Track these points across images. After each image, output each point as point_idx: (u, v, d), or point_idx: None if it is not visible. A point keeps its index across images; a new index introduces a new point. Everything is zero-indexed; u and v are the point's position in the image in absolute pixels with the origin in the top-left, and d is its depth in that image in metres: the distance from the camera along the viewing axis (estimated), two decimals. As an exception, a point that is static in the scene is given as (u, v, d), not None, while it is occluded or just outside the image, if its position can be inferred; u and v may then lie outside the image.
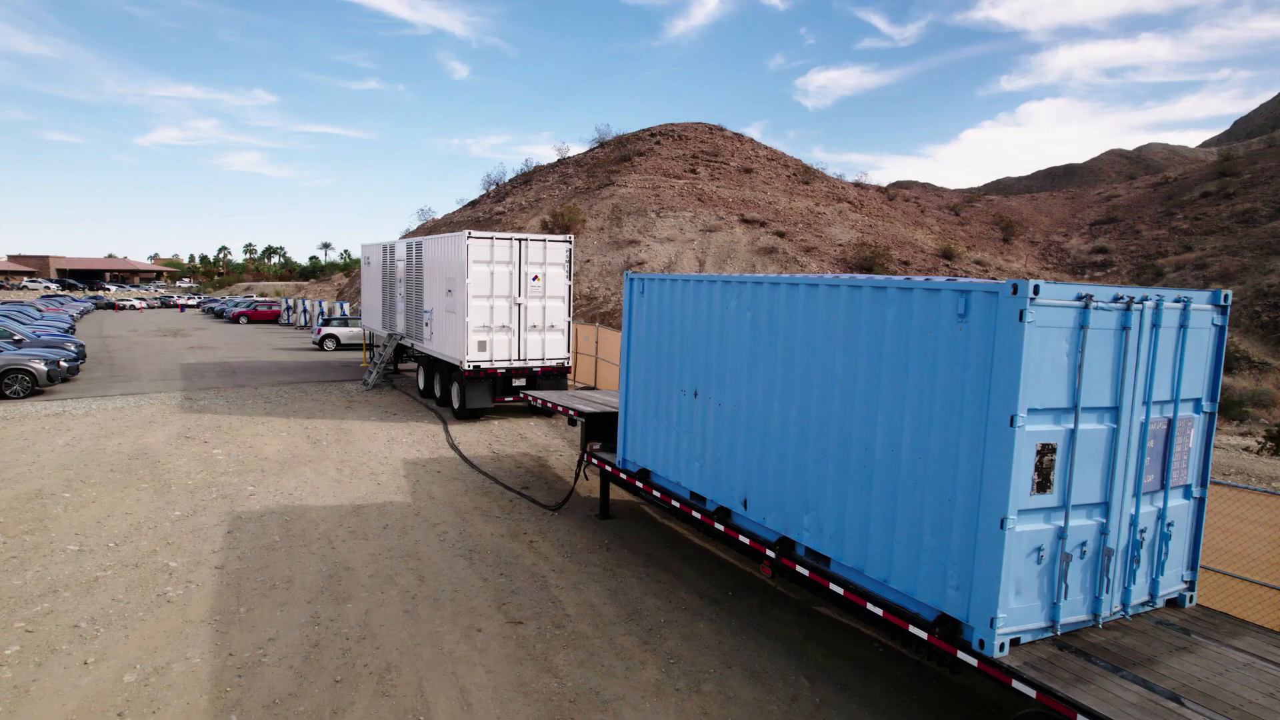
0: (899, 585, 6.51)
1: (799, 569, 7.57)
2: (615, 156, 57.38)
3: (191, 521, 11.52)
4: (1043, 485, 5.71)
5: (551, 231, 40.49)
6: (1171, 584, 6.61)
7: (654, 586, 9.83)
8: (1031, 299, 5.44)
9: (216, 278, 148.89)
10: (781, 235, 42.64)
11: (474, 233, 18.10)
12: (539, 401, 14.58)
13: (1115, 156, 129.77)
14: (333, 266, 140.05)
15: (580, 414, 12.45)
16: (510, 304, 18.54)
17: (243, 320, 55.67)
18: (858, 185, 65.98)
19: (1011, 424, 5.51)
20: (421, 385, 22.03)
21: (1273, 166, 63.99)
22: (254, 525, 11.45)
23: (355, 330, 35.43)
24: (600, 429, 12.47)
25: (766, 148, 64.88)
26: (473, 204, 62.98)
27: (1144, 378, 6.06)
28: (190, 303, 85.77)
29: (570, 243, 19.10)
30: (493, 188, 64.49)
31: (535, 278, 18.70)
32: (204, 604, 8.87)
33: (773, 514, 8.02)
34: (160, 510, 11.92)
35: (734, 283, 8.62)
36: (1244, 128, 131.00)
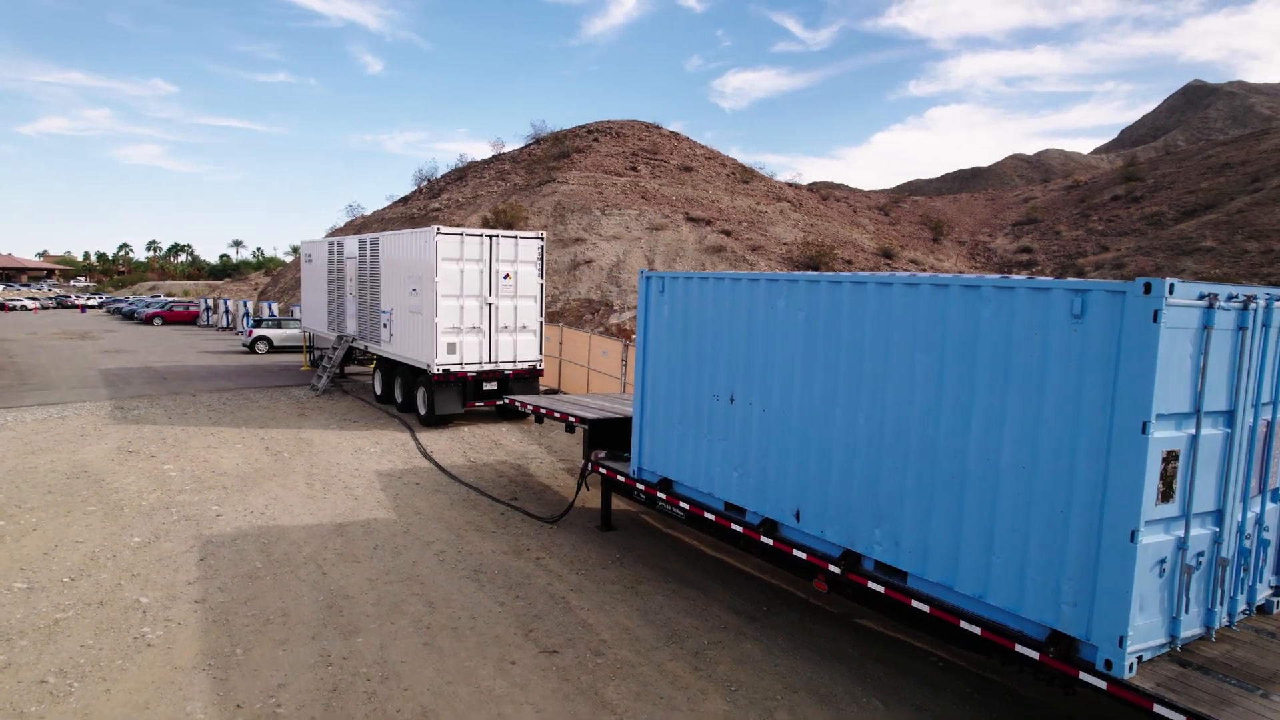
0: (998, 601, 6.14)
1: (871, 585, 7.13)
2: (554, 153, 56.35)
3: (155, 549, 10.30)
4: (1166, 494, 5.42)
5: (494, 229, 39.30)
6: (1262, 591, 6.46)
7: (683, 604, 9.26)
8: (1166, 299, 5.12)
9: (117, 276, 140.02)
10: (728, 234, 42.62)
11: (443, 228, 17.11)
12: (527, 407, 13.78)
13: (1017, 161, 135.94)
14: (246, 265, 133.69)
15: (583, 421, 11.75)
16: (481, 304, 17.61)
17: (157, 321, 52.25)
18: (792, 185, 66.86)
19: (1144, 431, 5.19)
20: (379, 390, 20.79)
21: (1172, 172, 68.09)
22: (229, 550, 10.32)
23: (290, 332, 33.51)
24: (604, 436, 11.81)
25: (704, 146, 65.00)
26: (404, 200, 60.84)
27: (1254, 379, 5.85)
28: (91, 303, 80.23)
29: (542, 240, 18.30)
30: (425, 184, 62.47)
31: (506, 276, 17.83)
32: (191, 646, 7.82)
33: (834, 526, 7.56)
34: (116, 537, 10.63)
35: (782, 281, 8.13)
36: (1130, 136, 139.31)
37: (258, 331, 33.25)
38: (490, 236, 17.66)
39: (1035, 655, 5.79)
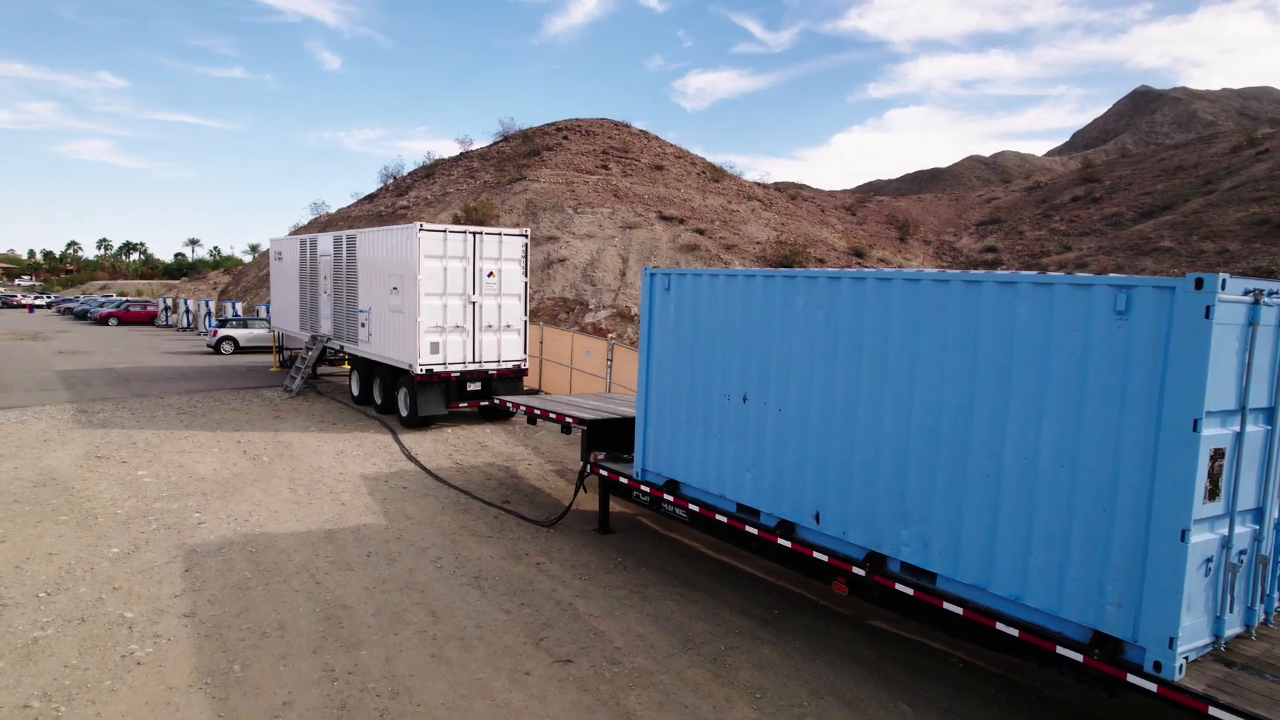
0: (1035, 602, 6.04)
1: (898, 587, 7.00)
2: (524, 151, 55.79)
3: (135, 560, 9.78)
4: (1212, 492, 5.35)
5: (472, 226, 38.66)
6: (1290, 586, 6.46)
7: (693, 609, 9.05)
8: (1218, 295, 5.05)
9: (65, 275, 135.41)
10: (701, 233, 42.57)
11: (426, 224, 16.67)
12: (519, 408, 13.44)
13: (974, 162, 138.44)
14: (203, 264, 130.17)
15: (581, 422, 11.47)
16: (464, 302, 17.21)
17: (112, 322, 50.52)
18: (762, 185, 67.13)
19: (1195, 429, 5.11)
20: (356, 392, 20.22)
21: (1129, 174, 69.86)
22: (215, 560, 9.85)
23: (256, 332, 32.59)
24: (603, 437, 11.55)
25: (673, 145, 64.91)
26: (371, 198, 59.74)
27: (1292, 376, 5.82)
28: (39, 303, 77.41)
29: (527, 237, 17.95)
30: (391, 181, 61.41)
31: (490, 274, 17.45)
32: (185, 663, 7.39)
33: (857, 528, 7.42)
34: (92, 548, 10.08)
35: (800, 278, 7.96)
36: (1081, 139, 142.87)
37: (223, 331, 32.26)
38: (474, 233, 17.26)
39: (1079, 657, 5.69)
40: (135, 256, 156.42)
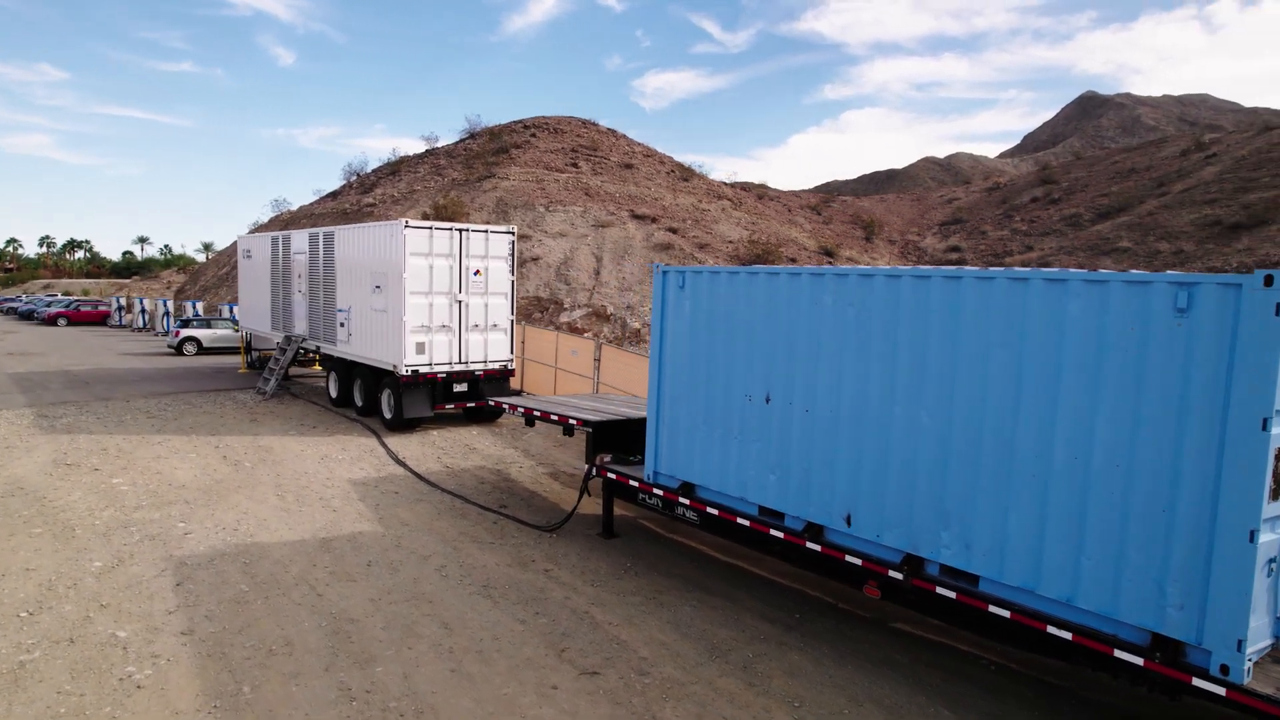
0: (1088, 604, 5.94)
1: (939, 590, 6.86)
2: (492, 149, 55.07)
3: (121, 574, 9.23)
4: (1277, 492, 5.29)
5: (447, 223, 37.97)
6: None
7: (713, 614, 8.83)
8: (1286, 291, 4.98)
9: (5, 274, 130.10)
10: (674, 231, 42.43)
11: (411, 221, 16.19)
12: (517, 410, 13.08)
13: (929, 163, 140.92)
14: (154, 263, 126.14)
15: (587, 424, 11.18)
16: (451, 301, 16.76)
17: (61, 322, 48.57)
18: (731, 185, 67.30)
19: (1264, 428, 5.04)
20: (334, 394, 19.60)
21: (1085, 176, 71.64)
22: (207, 573, 9.34)
23: (221, 333, 31.55)
24: (608, 439, 11.27)
25: (641, 144, 64.70)
26: (334, 195, 58.45)
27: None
28: (-21, 302, 74.18)
29: (514, 234, 17.57)
30: (355, 178, 60.15)
31: (477, 272, 17.03)
32: (189, 686, 6.93)
33: (892, 530, 7.27)
34: (72, 562, 9.49)
35: (828, 276, 7.79)
36: (1032, 142, 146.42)
37: (185, 332, 31.13)
38: (460, 231, 16.82)
39: (1139, 661, 5.60)
40: (80, 254, 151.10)
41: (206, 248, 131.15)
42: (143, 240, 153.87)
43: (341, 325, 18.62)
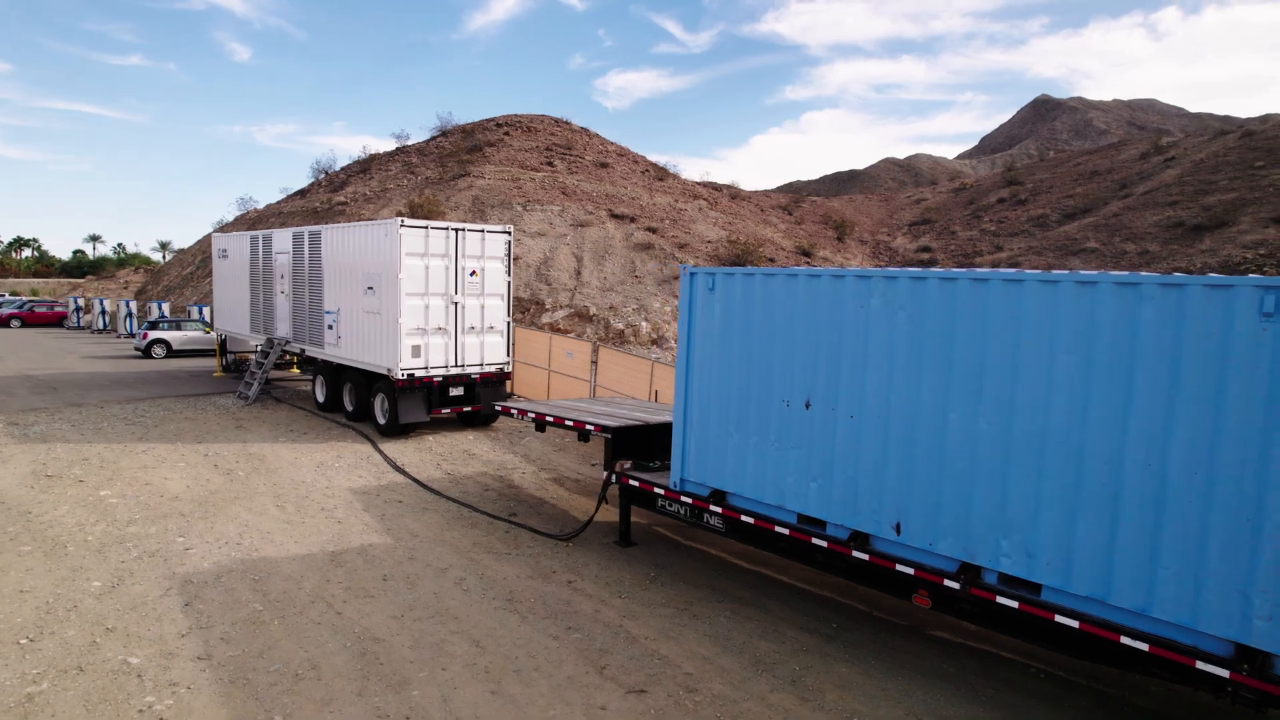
0: (1164, 615, 5.83)
1: (1000, 600, 6.71)
2: (465, 146, 54.33)
3: (123, 594, 8.71)
4: (1362, 499, 5.22)
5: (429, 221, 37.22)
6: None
7: (750, 626, 8.61)
8: (1382, 296, 4.90)
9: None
10: (653, 231, 42.20)
11: (406, 220, 15.71)
12: (526, 415, 12.71)
13: (890, 164, 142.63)
14: (108, 262, 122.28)
15: (605, 429, 10.88)
16: (446, 303, 16.31)
17: (15, 323, 46.68)
18: (705, 185, 67.32)
19: (1359, 435, 4.95)
20: (321, 398, 18.97)
21: (1049, 178, 73.07)
22: (216, 591, 8.86)
23: (191, 334, 30.53)
24: (627, 446, 10.98)
25: (615, 144, 64.37)
26: (303, 193, 57.12)
27: None
28: (-77, 303, 71.10)
29: (510, 234, 17.17)
30: (324, 176, 58.88)
31: (473, 273, 16.60)
32: (216, 716, 6.50)
33: (947, 539, 7.11)
34: (68, 582, 8.93)
35: (876, 278, 7.60)
36: (989, 144, 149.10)
37: (154, 334, 30.04)
38: (456, 230, 16.38)
39: (1224, 673, 5.49)
40: (28, 253, 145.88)
41: (163, 246, 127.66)
42: (95, 239, 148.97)
43: (330, 328, 18.04)
